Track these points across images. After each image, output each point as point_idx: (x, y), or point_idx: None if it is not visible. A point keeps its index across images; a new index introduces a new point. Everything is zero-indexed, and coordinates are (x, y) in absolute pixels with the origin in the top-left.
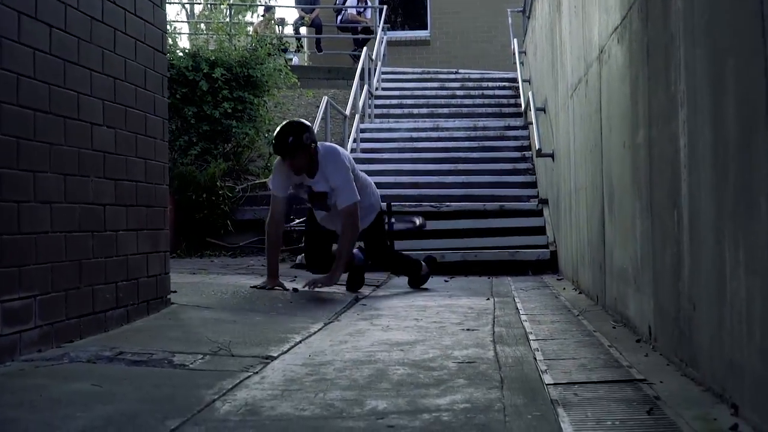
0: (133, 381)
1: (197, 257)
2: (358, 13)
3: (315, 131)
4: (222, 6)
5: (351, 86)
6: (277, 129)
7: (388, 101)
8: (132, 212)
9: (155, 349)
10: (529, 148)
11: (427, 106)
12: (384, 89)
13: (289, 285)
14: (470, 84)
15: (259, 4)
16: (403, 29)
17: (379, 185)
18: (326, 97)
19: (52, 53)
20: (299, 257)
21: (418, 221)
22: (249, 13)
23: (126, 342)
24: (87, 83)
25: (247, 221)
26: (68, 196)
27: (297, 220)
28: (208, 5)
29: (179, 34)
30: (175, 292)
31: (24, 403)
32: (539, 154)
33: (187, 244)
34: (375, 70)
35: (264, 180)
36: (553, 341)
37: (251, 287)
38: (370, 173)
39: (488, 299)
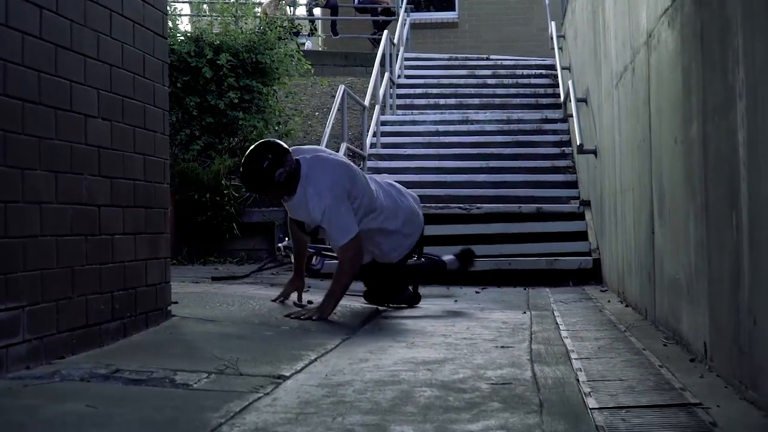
0: (131, 402)
1: (200, 264)
2: None
3: (289, 152)
4: None
5: (370, 74)
6: (244, 158)
7: (411, 90)
8: (129, 214)
9: (155, 367)
10: (569, 143)
11: (455, 96)
12: (407, 77)
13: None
14: (503, 71)
15: None
16: (428, 10)
17: (402, 184)
18: (343, 86)
19: (42, 37)
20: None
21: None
22: None
23: (123, 358)
24: (80, 71)
25: (256, 224)
26: (60, 196)
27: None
28: None
29: (180, 15)
30: (176, 303)
31: (12, 426)
32: (580, 150)
33: (188, 249)
34: (397, 55)
35: None
36: (597, 360)
37: (272, 301)
38: (391, 171)
39: (524, 313)
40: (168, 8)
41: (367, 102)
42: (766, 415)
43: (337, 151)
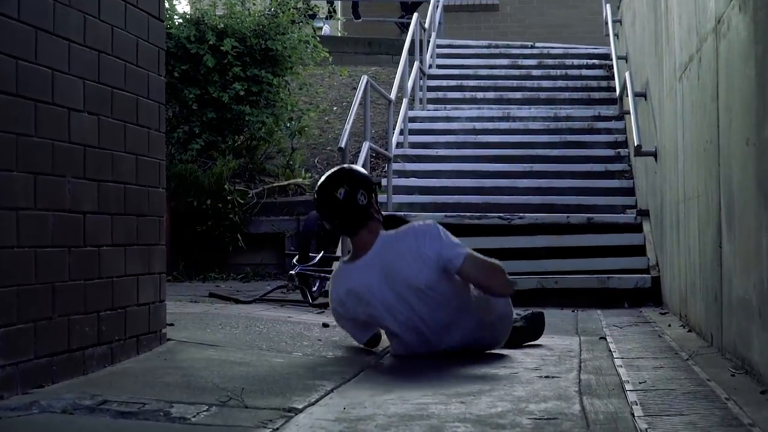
0: None
1: (199, 281)
2: None
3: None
4: None
5: (397, 63)
6: (320, 182)
7: (444, 83)
8: (119, 222)
9: (148, 398)
10: (625, 144)
11: (495, 89)
12: (439, 67)
13: (316, 318)
14: (550, 61)
15: None
16: None
17: (432, 190)
18: (365, 77)
19: (20, 19)
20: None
21: None
22: None
23: (111, 388)
24: (64, 58)
25: (263, 235)
26: (39, 201)
27: (318, 257)
28: None
29: None
30: (171, 325)
31: None
32: (638, 152)
33: (186, 264)
34: (428, 42)
35: (285, 182)
36: (655, 392)
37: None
38: (419, 174)
39: (572, 338)
40: None
41: (393, 95)
42: None
43: (359, 152)
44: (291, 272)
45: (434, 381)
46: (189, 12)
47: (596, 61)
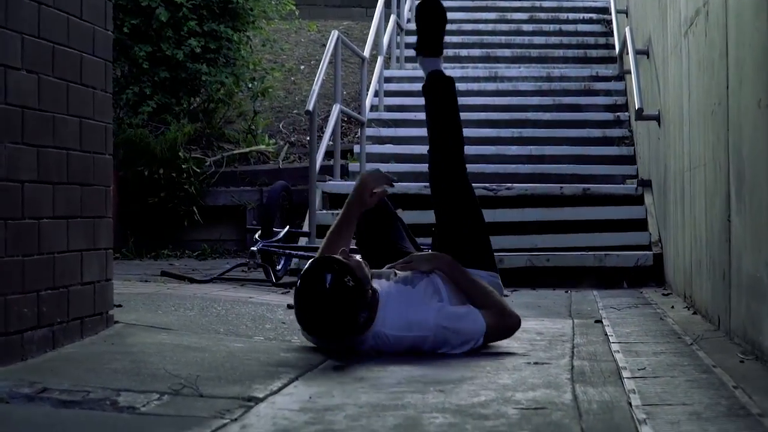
0: (61, 430)
1: (150, 258)
2: None
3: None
4: None
5: (371, 17)
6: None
7: None
8: (61, 192)
9: (93, 386)
10: (625, 107)
11: (481, 45)
12: None
13: (280, 298)
14: (542, 15)
15: None
16: None
17: (410, 158)
18: (336, 32)
19: None
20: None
21: None
22: None
23: (52, 375)
24: (0, 10)
25: (222, 208)
26: None
27: (283, 232)
28: None
29: None
30: (119, 306)
31: None
32: (640, 116)
33: (136, 239)
34: None
35: (247, 149)
36: (655, 380)
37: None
38: (396, 141)
39: (565, 321)
40: None
41: (367, 53)
42: None
43: (329, 116)
44: (253, 249)
45: (410, 368)
46: None
47: (594, 16)
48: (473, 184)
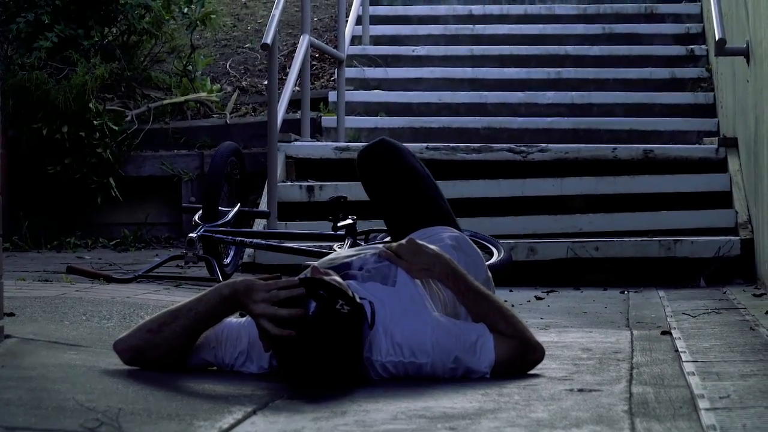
0: None
1: (52, 249)
2: None
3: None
4: None
5: None
6: None
7: None
8: None
9: None
10: (701, 37)
11: None
12: None
13: None
14: None
15: None
16: None
17: (407, 109)
18: None
19: None
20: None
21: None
22: None
23: None
24: None
25: (149, 180)
26: None
27: (233, 213)
28: None
29: None
30: (12, 315)
31: None
32: (722, 49)
33: (32, 223)
34: None
35: (182, 98)
36: (744, 412)
37: None
38: (389, 85)
39: (621, 332)
40: None
41: None
42: None
43: (294, 51)
44: (191, 235)
45: (410, 396)
46: None
47: None
48: (494, 146)
